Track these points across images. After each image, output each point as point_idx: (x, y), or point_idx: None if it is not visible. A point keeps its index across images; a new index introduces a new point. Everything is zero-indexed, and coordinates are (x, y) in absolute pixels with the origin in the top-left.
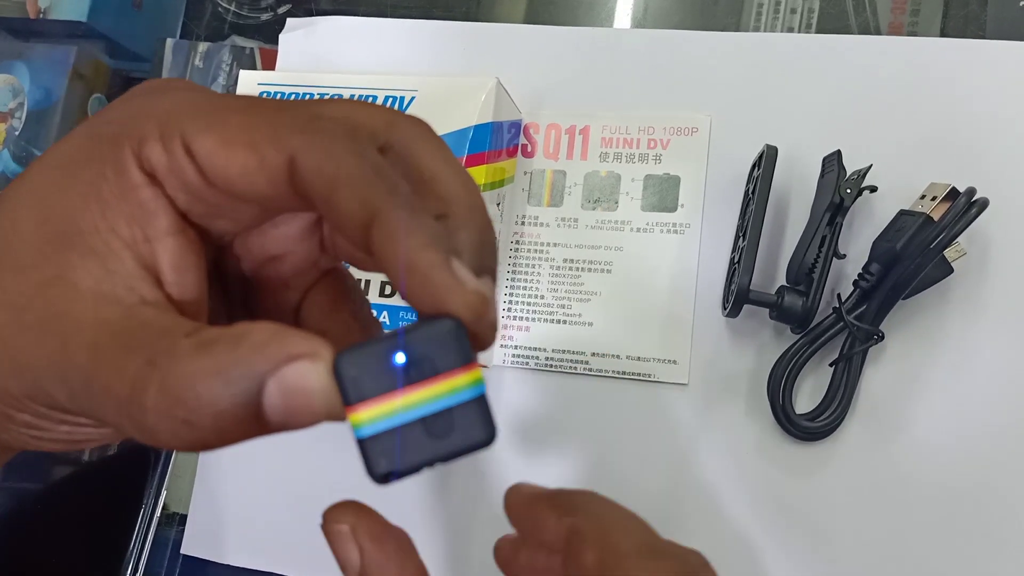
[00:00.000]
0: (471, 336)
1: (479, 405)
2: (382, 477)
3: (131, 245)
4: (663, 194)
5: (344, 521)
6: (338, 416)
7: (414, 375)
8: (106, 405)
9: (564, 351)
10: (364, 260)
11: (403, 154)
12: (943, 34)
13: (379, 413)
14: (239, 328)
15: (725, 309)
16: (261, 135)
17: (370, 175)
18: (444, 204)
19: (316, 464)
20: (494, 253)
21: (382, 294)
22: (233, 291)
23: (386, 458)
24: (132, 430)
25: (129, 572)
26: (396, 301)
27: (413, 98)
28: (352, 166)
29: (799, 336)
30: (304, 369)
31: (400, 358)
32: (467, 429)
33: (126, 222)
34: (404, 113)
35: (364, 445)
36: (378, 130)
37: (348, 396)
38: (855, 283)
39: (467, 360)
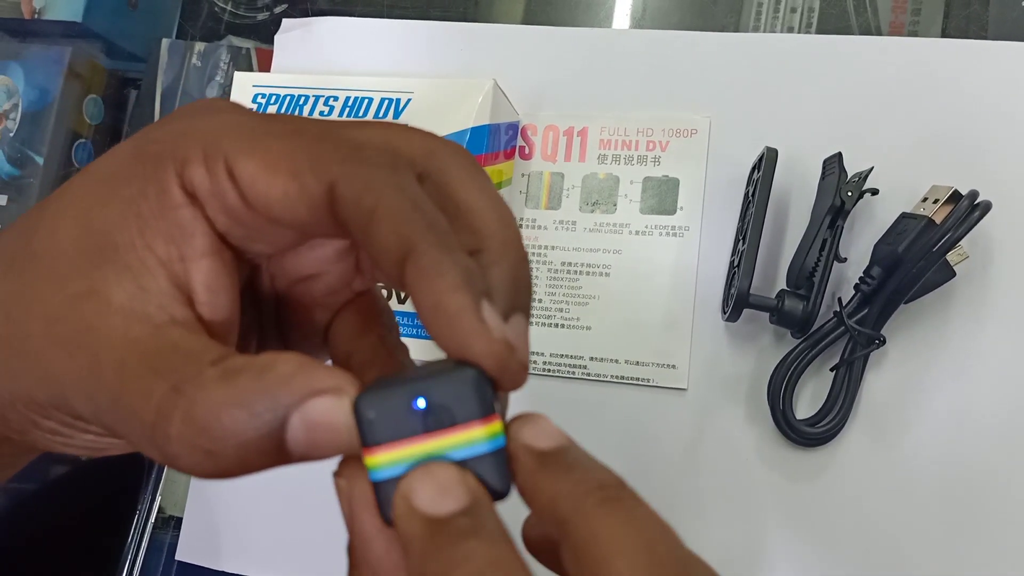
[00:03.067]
0: (495, 383)
1: (495, 458)
2: (392, 522)
3: (166, 264)
4: (662, 196)
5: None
6: (359, 452)
7: (432, 423)
8: (130, 426)
9: (562, 356)
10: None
11: (440, 183)
12: (944, 34)
13: (395, 458)
14: (265, 358)
15: (725, 313)
16: (303, 162)
17: (408, 209)
18: (479, 238)
19: (311, 471)
20: (528, 290)
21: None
22: (266, 308)
23: None
24: (154, 454)
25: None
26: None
27: (409, 100)
28: (391, 199)
29: (800, 340)
30: (328, 404)
31: (420, 404)
32: (480, 481)
33: (163, 241)
34: (444, 140)
35: (378, 488)
36: (417, 158)
37: (366, 439)
38: (856, 287)
39: (487, 412)
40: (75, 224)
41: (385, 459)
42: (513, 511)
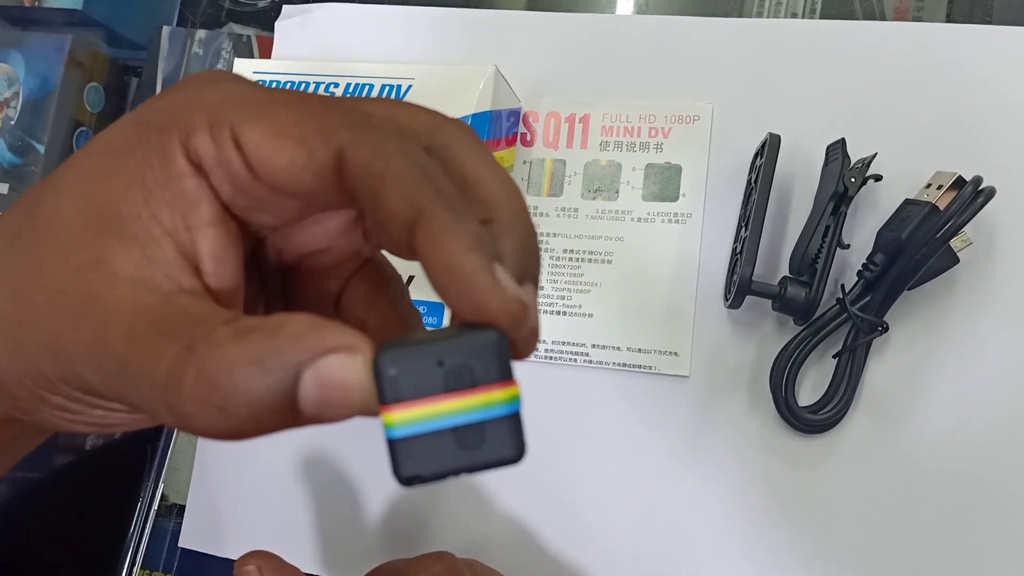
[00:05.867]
0: (511, 344)
1: (512, 422)
2: (407, 480)
3: (172, 233)
4: (664, 183)
5: (251, 563)
6: (372, 412)
7: (453, 383)
8: (141, 390)
9: (564, 343)
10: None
11: (447, 157)
12: (949, 19)
13: (413, 416)
14: (278, 318)
15: (727, 300)
16: (310, 130)
17: (417, 175)
18: (488, 209)
19: (314, 457)
20: (537, 260)
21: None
22: (271, 280)
23: (413, 462)
24: (167, 416)
25: (127, 563)
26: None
27: (410, 87)
28: (400, 165)
29: (802, 327)
30: (341, 362)
31: (441, 364)
32: (497, 444)
33: (168, 210)
34: (448, 116)
35: (394, 446)
36: (423, 132)
37: (385, 395)
38: (859, 273)
39: (507, 375)
40: (79, 196)
41: (403, 417)
42: (514, 501)
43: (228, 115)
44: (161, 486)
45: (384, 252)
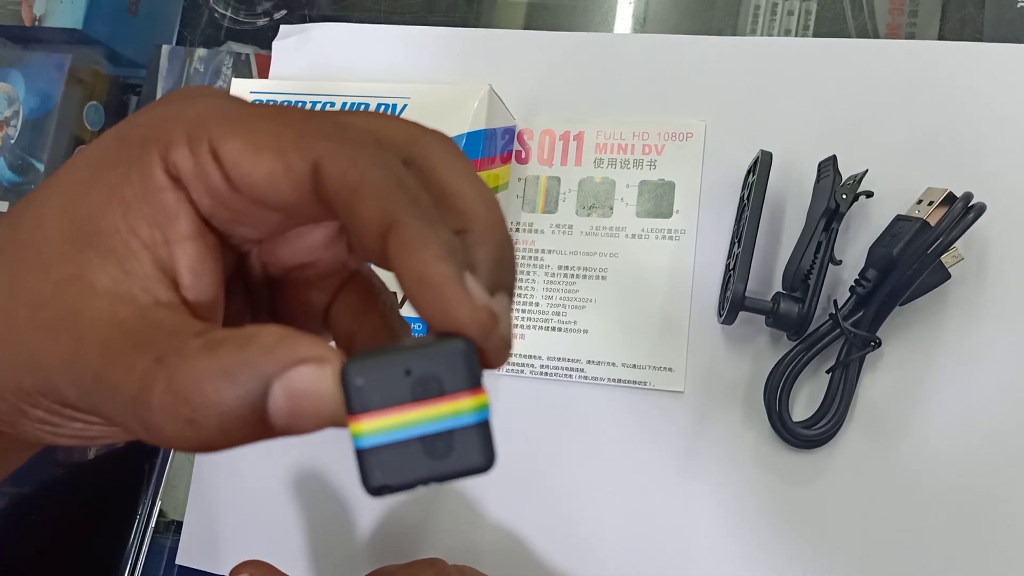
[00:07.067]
0: (481, 354)
1: (481, 430)
2: (375, 490)
3: (150, 247)
4: (658, 200)
5: (245, 572)
6: (342, 423)
7: (420, 392)
8: (114, 403)
9: (559, 359)
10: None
11: (425, 168)
12: (941, 37)
13: (381, 426)
14: (248, 330)
15: (721, 316)
16: (287, 141)
17: (391, 185)
18: (464, 220)
19: (311, 471)
20: (512, 271)
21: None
22: (257, 294)
23: (382, 471)
24: (138, 429)
25: None
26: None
27: (405, 105)
28: (375, 174)
29: (795, 343)
30: (311, 373)
31: (408, 373)
32: (466, 453)
33: (147, 224)
34: (428, 128)
35: (362, 456)
36: (401, 143)
37: (352, 405)
38: (851, 289)
39: (475, 383)
40: (60, 211)
41: (371, 427)
42: (509, 515)
43: (207, 128)
44: (159, 502)
45: (372, 265)
